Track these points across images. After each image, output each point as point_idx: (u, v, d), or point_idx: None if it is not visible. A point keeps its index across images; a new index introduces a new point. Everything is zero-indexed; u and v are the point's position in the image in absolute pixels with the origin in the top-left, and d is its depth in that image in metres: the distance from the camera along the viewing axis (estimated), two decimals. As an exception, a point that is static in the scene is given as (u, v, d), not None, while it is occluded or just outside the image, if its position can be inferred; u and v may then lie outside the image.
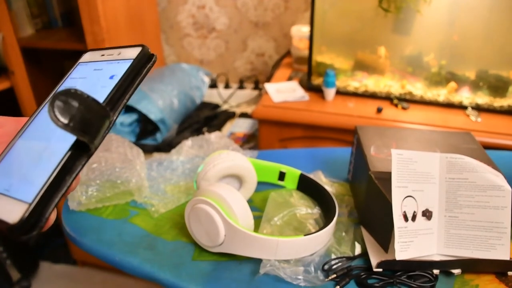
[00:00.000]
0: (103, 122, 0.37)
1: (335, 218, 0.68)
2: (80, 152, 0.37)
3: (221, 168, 0.75)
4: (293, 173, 0.83)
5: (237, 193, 0.66)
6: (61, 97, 0.34)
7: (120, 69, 0.41)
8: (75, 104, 0.34)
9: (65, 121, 0.33)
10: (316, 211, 0.75)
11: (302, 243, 0.64)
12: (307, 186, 0.82)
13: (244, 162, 0.77)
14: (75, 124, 0.34)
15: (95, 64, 0.45)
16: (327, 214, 0.73)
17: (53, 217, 0.37)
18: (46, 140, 0.40)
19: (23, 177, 0.38)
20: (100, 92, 0.40)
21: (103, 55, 0.45)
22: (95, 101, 0.36)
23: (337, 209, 0.70)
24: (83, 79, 0.45)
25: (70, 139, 0.37)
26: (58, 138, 0.38)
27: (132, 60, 0.41)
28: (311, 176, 0.81)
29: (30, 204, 0.35)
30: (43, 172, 0.36)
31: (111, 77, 0.41)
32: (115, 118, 0.39)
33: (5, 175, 0.39)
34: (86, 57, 0.48)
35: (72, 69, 0.48)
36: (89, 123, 0.35)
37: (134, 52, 0.42)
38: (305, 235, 0.63)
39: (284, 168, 0.83)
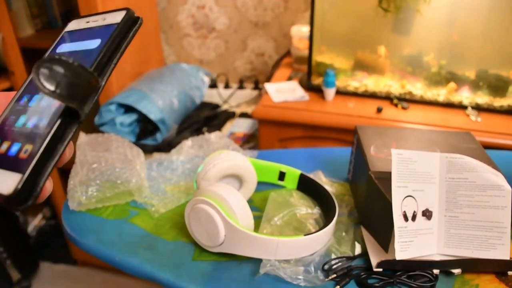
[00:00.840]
0: (91, 88, 0.37)
1: (335, 218, 0.68)
2: (70, 120, 0.37)
3: (221, 168, 0.74)
4: (293, 173, 0.83)
5: (237, 193, 0.66)
6: (46, 64, 0.33)
7: (106, 34, 0.41)
8: (60, 70, 0.34)
9: (51, 87, 0.33)
10: (316, 211, 0.75)
11: (302, 243, 0.63)
12: (307, 186, 0.82)
13: (244, 162, 0.77)
14: (62, 90, 0.34)
15: (80, 32, 0.45)
16: (327, 214, 0.73)
17: (49, 187, 0.37)
18: (35, 109, 0.39)
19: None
20: (88, 58, 0.39)
21: (88, 22, 0.45)
22: (81, 66, 0.36)
23: (337, 209, 0.70)
24: (70, 47, 0.44)
25: (59, 107, 0.37)
26: (47, 107, 0.38)
27: (117, 24, 0.41)
28: (311, 176, 0.81)
29: (24, 174, 0.35)
30: (36, 142, 0.36)
31: (97, 43, 0.41)
32: (103, 83, 0.39)
33: None
34: (71, 25, 0.47)
35: (58, 39, 0.47)
36: (76, 89, 0.35)
37: (119, 16, 0.42)
38: (305, 235, 0.63)
39: (284, 168, 0.83)
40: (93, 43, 0.41)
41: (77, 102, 0.35)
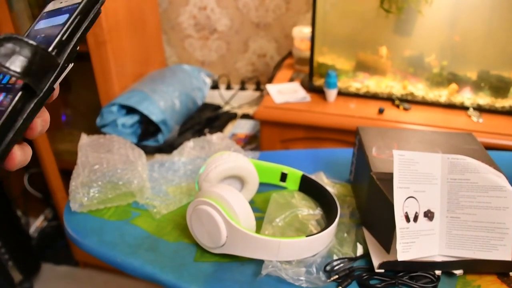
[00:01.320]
0: (47, 65, 0.39)
1: (336, 219, 0.68)
2: (30, 94, 0.39)
3: (222, 169, 0.75)
4: (294, 174, 0.83)
5: (238, 194, 0.66)
6: (2, 42, 0.36)
7: (70, 13, 0.42)
8: (16, 48, 0.36)
9: (6, 64, 0.36)
10: (318, 212, 0.75)
11: (304, 244, 0.63)
12: (309, 187, 0.82)
13: (245, 164, 0.77)
14: (15, 67, 0.36)
15: (55, 12, 0.46)
16: (329, 215, 0.73)
17: (19, 157, 0.39)
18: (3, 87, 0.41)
19: None
20: (54, 37, 0.41)
21: (61, 2, 0.46)
22: (37, 46, 0.38)
23: (339, 210, 0.70)
24: (43, 24, 0.46)
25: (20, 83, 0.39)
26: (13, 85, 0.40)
27: (78, 4, 0.42)
28: (313, 177, 0.81)
29: None
30: None
31: (63, 23, 0.42)
32: (62, 61, 0.41)
33: None
34: (49, 6, 0.48)
35: (37, 19, 0.48)
36: (30, 66, 0.37)
37: None
38: (307, 236, 0.63)
39: (286, 169, 0.83)
40: (59, 21, 0.42)
41: (31, 78, 0.38)
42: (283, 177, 0.84)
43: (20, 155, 0.40)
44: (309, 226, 0.71)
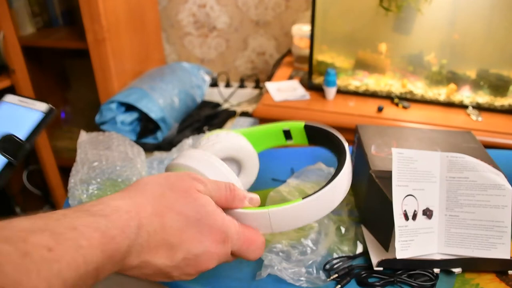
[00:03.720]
0: (23, 151, 0.58)
1: (344, 167, 0.60)
2: (8, 165, 0.57)
3: (214, 150, 0.67)
4: (297, 127, 0.76)
5: (210, 157, 0.57)
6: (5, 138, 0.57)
7: (34, 116, 0.61)
8: (13, 143, 0.57)
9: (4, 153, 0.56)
10: None
11: (299, 208, 0.54)
12: (316, 136, 0.75)
13: (242, 142, 0.70)
14: (9, 153, 0.57)
15: (14, 106, 0.64)
16: (339, 159, 0.65)
17: None
18: None
19: None
20: (20, 128, 0.60)
21: (21, 100, 0.64)
22: (21, 141, 0.58)
23: (348, 155, 0.64)
24: (6, 116, 0.64)
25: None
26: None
27: (44, 113, 0.62)
28: (314, 168, 0.80)
29: None
30: None
31: (27, 121, 0.61)
32: (28, 147, 0.59)
33: None
34: (8, 98, 0.66)
35: None
36: (16, 153, 0.57)
37: (43, 107, 0.62)
38: (303, 198, 0.55)
39: (286, 125, 0.76)
40: (25, 120, 0.62)
41: (14, 159, 0.57)
42: (287, 134, 0.78)
43: None
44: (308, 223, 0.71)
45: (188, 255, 0.43)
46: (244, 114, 1.93)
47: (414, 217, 0.61)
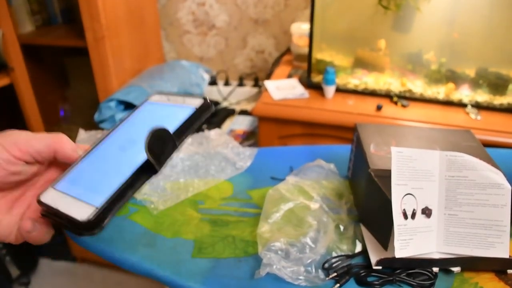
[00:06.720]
0: (172, 152, 0.48)
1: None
2: (145, 173, 0.47)
3: None
4: None
5: None
6: (155, 132, 0.45)
7: (184, 112, 0.52)
8: (160, 140, 0.46)
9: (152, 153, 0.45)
10: (314, 202, 0.74)
11: None
12: None
13: None
14: (156, 153, 0.45)
15: (162, 105, 0.56)
16: None
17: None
18: (114, 159, 0.50)
19: (94, 186, 0.47)
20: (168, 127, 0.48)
21: (169, 99, 0.56)
22: (170, 135, 0.47)
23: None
24: (152, 115, 0.55)
25: (136, 159, 0.46)
26: (126, 159, 0.48)
27: (195, 108, 0.52)
28: (314, 164, 0.80)
29: (98, 208, 0.44)
30: (112, 185, 0.45)
31: (177, 118, 0.51)
32: (177, 149, 0.49)
33: (78, 183, 0.48)
34: (154, 97, 0.58)
35: (141, 104, 0.58)
36: (164, 152, 0.47)
37: (197, 102, 0.53)
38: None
39: None
40: (174, 117, 0.51)
41: (160, 163, 0.46)
42: None
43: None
44: (307, 221, 0.71)
45: None
46: (243, 112, 1.93)
47: (413, 216, 0.61)
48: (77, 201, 0.46)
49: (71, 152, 0.51)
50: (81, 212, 0.44)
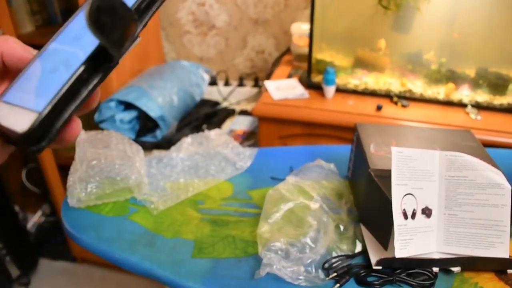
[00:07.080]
0: (130, 29, 0.36)
1: None
2: (99, 63, 0.36)
3: None
4: None
5: None
6: (98, 2, 0.31)
7: None
8: (109, 13, 0.32)
9: (99, 28, 0.32)
10: (314, 202, 0.74)
11: None
12: None
13: None
14: (104, 28, 0.32)
15: None
16: None
17: (73, 131, 0.37)
18: (64, 55, 0.38)
19: (39, 89, 0.36)
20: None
21: None
22: (124, 4, 0.34)
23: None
24: None
25: (87, 50, 0.35)
26: (74, 52, 0.37)
27: None
28: (314, 164, 0.80)
29: (40, 113, 0.34)
30: (58, 84, 0.35)
31: None
32: (139, 30, 0.38)
33: (23, 89, 0.38)
34: None
35: None
36: (116, 26, 0.33)
37: None
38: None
39: None
40: None
41: (116, 45, 0.35)
42: None
43: (76, 127, 0.37)
44: (307, 221, 0.71)
45: None
46: (243, 112, 1.93)
47: (413, 216, 0.61)
48: (18, 109, 0.36)
49: (23, 52, 0.42)
50: (22, 121, 0.34)
